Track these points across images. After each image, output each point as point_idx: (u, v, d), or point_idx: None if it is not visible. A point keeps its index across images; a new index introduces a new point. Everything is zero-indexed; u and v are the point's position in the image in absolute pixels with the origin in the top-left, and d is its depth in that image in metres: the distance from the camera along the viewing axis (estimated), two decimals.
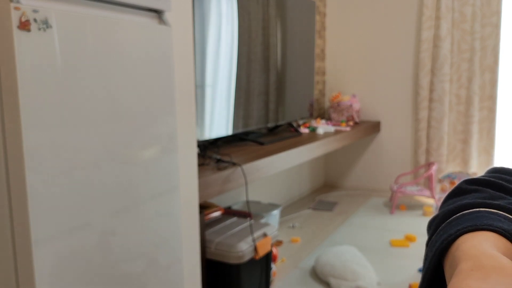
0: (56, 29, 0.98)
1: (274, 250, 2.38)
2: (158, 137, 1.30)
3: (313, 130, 3.17)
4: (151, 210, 1.29)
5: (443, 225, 0.40)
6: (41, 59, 0.96)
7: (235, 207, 2.68)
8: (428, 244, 0.40)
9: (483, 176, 0.45)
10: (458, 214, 0.39)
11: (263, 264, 2.03)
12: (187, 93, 1.50)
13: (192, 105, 1.53)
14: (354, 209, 3.45)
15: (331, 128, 3.20)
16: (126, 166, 1.20)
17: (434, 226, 0.41)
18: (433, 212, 3.29)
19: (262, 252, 1.92)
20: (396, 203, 3.40)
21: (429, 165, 3.59)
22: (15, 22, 0.90)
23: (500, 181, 0.44)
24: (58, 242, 1.02)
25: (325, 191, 3.99)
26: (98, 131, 1.11)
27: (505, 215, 0.38)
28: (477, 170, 3.60)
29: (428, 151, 3.69)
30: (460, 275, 0.30)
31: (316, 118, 3.86)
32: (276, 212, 2.73)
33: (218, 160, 1.94)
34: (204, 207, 2.04)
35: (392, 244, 2.70)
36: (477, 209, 0.39)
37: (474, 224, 0.36)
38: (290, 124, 3.03)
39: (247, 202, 1.91)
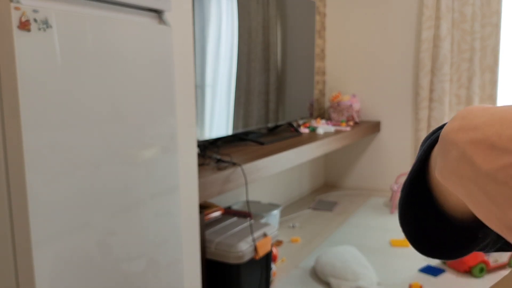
0: (56, 29, 0.98)
1: (274, 250, 2.38)
2: (158, 137, 1.30)
3: (313, 130, 3.17)
4: (151, 210, 1.29)
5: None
6: (41, 59, 0.96)
7: (235, 207, 2.68)
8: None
9: None
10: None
11: (263, 264, 2.03)
12: (187, 93, 1.50)
13: (192, 105, 1.53)
14: (354, 209, 3.45)
15: (331, 128, 3.20)
16: (126, 166, 1.20)
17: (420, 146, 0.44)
18: None
19: (262, 252, 1.92)
20: (396, 203, 3.40)
21: None
22: (15, 22, 0.90)
23: None
24: (58, 242, 1.02)
25: (325, 191, 3.99)
26: (98, 131, 1.11)
27: None
28: None
29: None
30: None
31: (316, 118, 3.86)
32: (276, 212, 2.73)
33: (218, 160, 1.93)
34: (204, 207, 2.04)
35: (392, 244, 2.70)
36: None
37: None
38: (290, 124, 3.03)
39: (247, 202, 1.91)
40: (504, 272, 2.33)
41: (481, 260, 2.26)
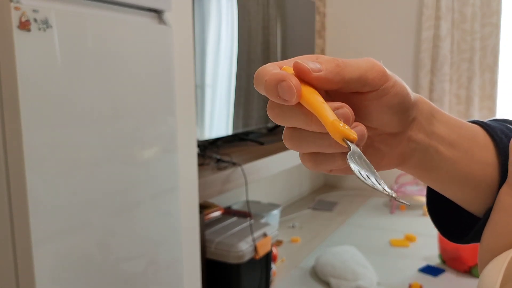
0: (56, 29, 0.98)
1: (274, 250, 2.38)
2: (158, 137, 1.30)
3: None
4: (151, 210, 1.30)
5: None
6: (41, 59, 0.96)
7: (235, 207, 2.68)
8: None
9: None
10: None
11: (263, 264, 2.03)
12: (187, 93, 1.50)
13: (192, 105, 1.53)
14: (354, 209, 3.45)
15: None
16: (126, 166, 1.20)
17: None
18: None
19: (262, 252, 1.92)
20: (396, 203, 3.40)
21: None
22: (15, 22, 0.90)
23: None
24: (58, 242, 1.02)
25: (325, 191, 3.99)
26: (98, 131, 1.11)
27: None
28: None
29: None
30: None
31: None
32: (276, 212, 2.73)
33: (218, 160, 1.93)
34: (204, 207, 2.04)
35: (392, 244, 2.70)
36: None
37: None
38: None
39: (247, 202, 1.91)
40: None
41: None
